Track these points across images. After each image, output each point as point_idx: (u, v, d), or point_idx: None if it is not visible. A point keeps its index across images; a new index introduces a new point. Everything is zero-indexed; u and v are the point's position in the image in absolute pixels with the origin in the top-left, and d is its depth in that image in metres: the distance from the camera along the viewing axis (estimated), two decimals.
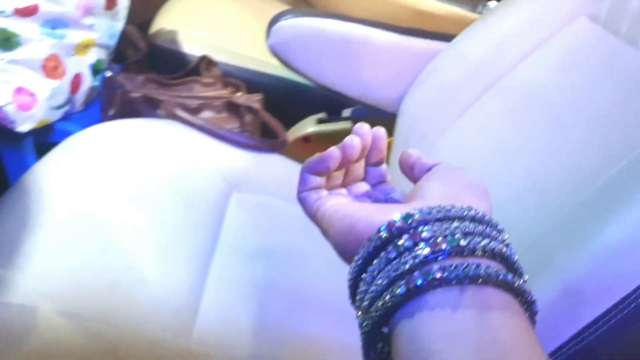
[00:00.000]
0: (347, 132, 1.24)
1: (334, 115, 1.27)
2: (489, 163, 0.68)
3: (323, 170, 0.41)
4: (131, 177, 0.76)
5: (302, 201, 0.43)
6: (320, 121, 1.25)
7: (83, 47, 0.96)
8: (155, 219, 0.72)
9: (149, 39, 1.22)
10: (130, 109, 0.97)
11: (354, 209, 0.37)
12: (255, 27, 1.24)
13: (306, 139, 1.24)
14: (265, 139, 0.99)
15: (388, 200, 0.43)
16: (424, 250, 0.29)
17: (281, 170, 0.91)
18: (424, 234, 0.30)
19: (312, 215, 0.42)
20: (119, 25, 1.03)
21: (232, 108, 1.08)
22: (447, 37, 0.89)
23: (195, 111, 1.03)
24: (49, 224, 0.66)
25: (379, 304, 0.30)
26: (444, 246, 0.29)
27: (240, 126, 1.07)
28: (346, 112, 1.25)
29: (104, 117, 1.00)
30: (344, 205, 0.38)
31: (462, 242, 0.29)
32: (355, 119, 1.22)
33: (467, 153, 0.72)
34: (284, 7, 1.45)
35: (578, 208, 0.53)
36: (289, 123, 1.27)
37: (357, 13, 1.12)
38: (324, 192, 0.43)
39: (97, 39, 0.98)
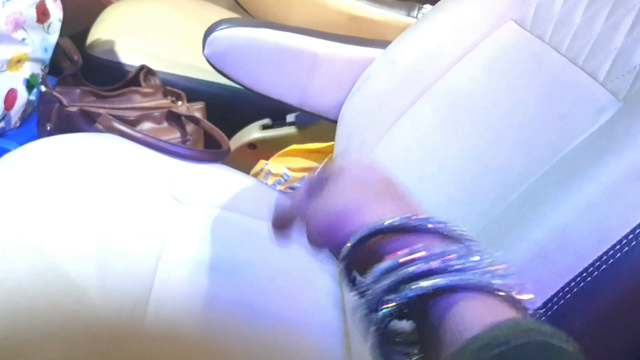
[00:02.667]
0: (292, 137, 1.25)
1: (278, 120, 1.28)
2: (422, 169, 0.70)
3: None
4: (69, 195, 0.75)
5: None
6: (265, 127, 1.26)
7: (15, 62, 0.94)
8: (95, 235, 0.71)
9: (85, 50, 1.20)
10: (67, 124, 0.95)
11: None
12: (195, 35, 1.23)
13: (251, 145, 1.24)
14: (207, 149, 0.98)
15: None
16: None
17: (224, 180, 0.91)
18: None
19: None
20: (53, 38, 1.01)
21: (173, 118, 1.08)
22: (383, 44, 0.91)
23: (134, 123, 1.02)
24: None
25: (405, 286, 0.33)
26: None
27: (182, 136, 1.07)
28: (290, 118, 1.26)
29: (40, 133, 0.98)
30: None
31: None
32: (299, 124, 1.23)
33: (402, 158, 0.74)
34: (223, 14, 1.45)
35: (505, 212, 0.55)
36: (234, 130, 1.27)
37: (294, 19, 1.13)
38: None
39: (30, 53, 0.96)
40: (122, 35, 1.24)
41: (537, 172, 0.57)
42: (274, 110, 1.26)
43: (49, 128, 0.97)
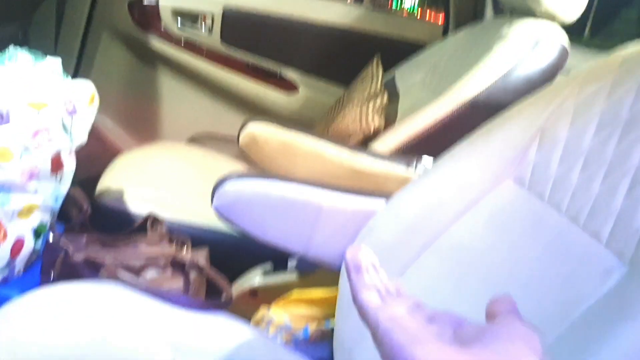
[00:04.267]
0: (293, 283, 1.25)
1: (280, 265, 1.28)
2: None
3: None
4: (67, 346, 0.73)
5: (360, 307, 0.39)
6: (266, 272, 1.26)
7: (26, 212, 0.96)
8: None
9: (94, 198, 1.23)
10: (71, 272, 0.95)
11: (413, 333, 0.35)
12: (201, 182, 1.27)
13: (253, 292, 1.23)
14: (209, 300, 0.98)
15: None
16: None
17: (225, 332, 0.89)
18: None
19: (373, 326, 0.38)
20: (64, 188, 1.04)
21: (177, 265, 1.08)
22: (385, 195, 0.94)
23: (139, 271, 1.02)
24: None
25: None
26: None
27: (185, 284, 1.06)
28: (292, 263, 1.26)
29: (43, 281, 0.97)
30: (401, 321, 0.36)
31: None
32: (301, 269, 1.23)
33: None
34: (230, 163, 1.51)
35: None
36: (236, 274, 1.26)
37: (299, 171, 1.17)
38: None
39: (40, 203, 0.98)
40: (130, 184, 1.28)
41: (548, 336, 0.56)
42: (276, 254, 1.27)
43: (52, 276, 0.96)
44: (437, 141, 1.09)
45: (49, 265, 0.97)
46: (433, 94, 1.34)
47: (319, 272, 1.21)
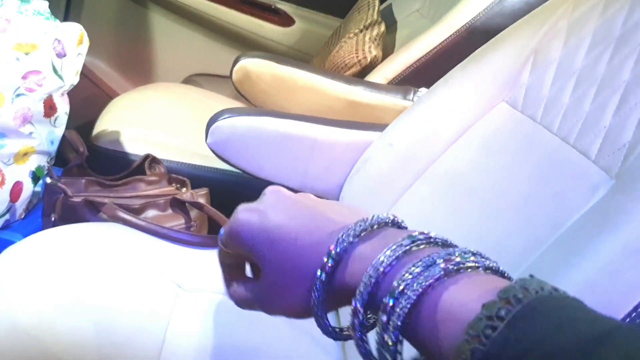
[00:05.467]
0: None
1: None
2: None
3: None
4: (72, 285, 0.75)
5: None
6: None
7: (22, 155, 0.97)
8: (99, 325, 0.71)
9: (91, 141, 1.23)
10: (71, 214, 0.96)
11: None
12: (198, 123, 1.27)
13: None
14: (210, 235, 0.99)
15: None
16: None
17: None
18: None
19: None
20: (59, 131, 1.04)
21: (177, 205, 1.09)
22: (380, 127, 0.94)
23: (138, 211, 1.03)
24: None
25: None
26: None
27: (186, 222, 1.08)
28: None
29: (45, 224, 0.99)
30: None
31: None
32: None
33: None
34: (226, 103, 1.50)
35: None
36: None
37: (295, 106, 1.16)
38: None
39: (36, 146, 0.99)
40: (127, 125, 1.27)
41: (536, 251, 0.57)
42: None
43: (53, 219, 0.98)
44: (434, 70, 1.07)
45: (49, 207, 0.98)
46: (430, 22, 1.31)
47: None
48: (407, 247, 0.34)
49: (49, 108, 1.00)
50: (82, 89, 1.09)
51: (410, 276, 0.31)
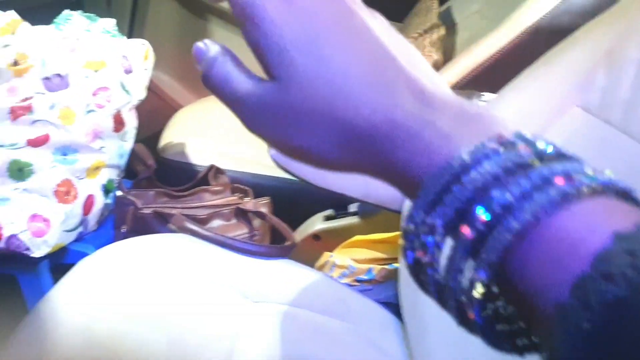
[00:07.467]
0: (355, 227, 1.25)
1: (341, 210, 1.28)
2: None
3: None
4: (145, 298, 0.77)
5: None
6: (328, 218, 1.26)
7: (93, 170, 1.00)
8: (169, 337, 0.72)
9: (157, 153, 1.26)
10: (141, 226, 0.99)
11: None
12: None
13: (315, 236, 1.25)
14: (273, 245, 1.00)
15: None
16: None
17: (291, 275, 0.91)
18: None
19: None
20: (128, 145, 1.07)
21: (241, 214, 1.10)
22: None
23: (204, 221, 1.05)
24: (64, 356, 0.66)
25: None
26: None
27: (249, 232, 1.09)
28: (353, 207, 1.26)
29: (116, 235, 1.02)
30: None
31: None
32: (362, 213, 1.23)
33: None
34: None
35: None
36: (298, 221, 1.28)
37: None
38: None
39: (106, 161, 1.02)
40: (191, 137, 1.30)
41: None
42: (337, 201, 1.27)
43: (124, 230, 1.01)
44: (498, 74, 1.04)
45: (120, 219, 1.01)
46: (492, 23, 1.27)
47: (381, 215, 1.20)
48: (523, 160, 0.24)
49: (118, 123, 1.03)
50: (148, 102, 1.12)
51: (517, 194, 0.22)
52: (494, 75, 1.12)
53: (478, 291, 0.23)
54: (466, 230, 0.23)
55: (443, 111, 0.26)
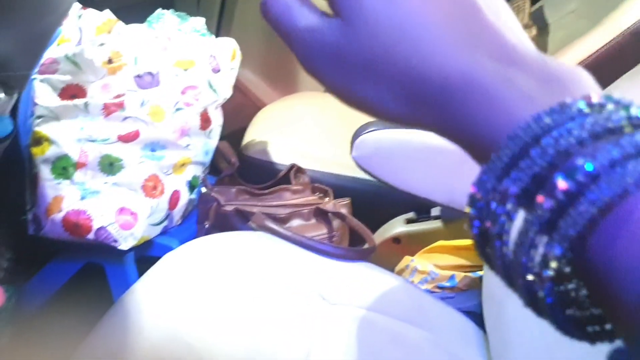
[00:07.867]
0: (438, 232, 1.22)
1: (422, 213, 1.25)
2: None
3: None
4: (223, 294, 0.78)
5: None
6: (409, 221, 1.24)
7: (180, 166, 1.02)
8: (245, 338, 0.72)
9: (240, 151, 1.28)
10: (223, 222, 1.01)
11: None
12: (341, 132, 1.27)
13: (396, 239, 1.22)
14: (353, 248, 0.98)
15: None
16: None
17: (370, 279, 0.90)
18: None
19: None
20: (213, 142, 1.09)
21: (321, 214, 1.10)
22: None
23: (284, 220, 1.05)
24: (145, 348, 0.68)
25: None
26: None
27: (328, 232, 1.08)
28: (435, 211, 1.23)
29: (199, 231, 1.04)
30: None
31: None
32: (445, 217, 1.20)
33: None
34: None
35: None
36: (378, 224, 1.26)
37: None
38: None
39: (192, 157, 1.04)
40: (273, 135, 1.31)
41: None
42: (419, 204, 1.24)
43: (206, 225, 1.03)
44: (595, 76, 0.98)
45: (204, 215, 1.03)
46: (590, 23, 1.20)
47: (464, 220, 1.17)
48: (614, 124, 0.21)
49: (205, 121, 1.05)
50: (232, 99, 1.14)
51: (605, 163, 0.19)
52: (593, 76, 1.06)
53: (551, 268, 0.20)
54: (543, 200, 0.20)
55: (525, 69, 0.23)
